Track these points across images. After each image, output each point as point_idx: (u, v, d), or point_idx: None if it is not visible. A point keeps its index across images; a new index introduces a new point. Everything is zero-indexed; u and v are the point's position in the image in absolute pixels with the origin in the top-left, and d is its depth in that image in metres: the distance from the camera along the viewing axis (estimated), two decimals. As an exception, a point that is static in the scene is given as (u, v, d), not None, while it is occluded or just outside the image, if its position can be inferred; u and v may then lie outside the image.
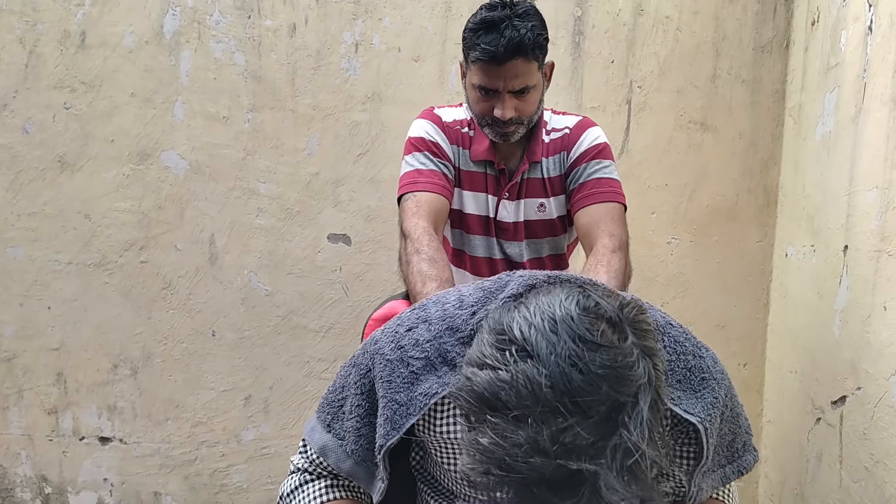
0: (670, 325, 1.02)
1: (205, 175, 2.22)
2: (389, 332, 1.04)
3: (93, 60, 2.17)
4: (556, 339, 0.72)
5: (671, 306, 2.32)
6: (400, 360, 0.98)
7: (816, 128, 2.03)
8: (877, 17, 1.71)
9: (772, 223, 2.33)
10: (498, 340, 0.75)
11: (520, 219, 1.71)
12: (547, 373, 0.70)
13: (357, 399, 1.05)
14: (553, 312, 0.75)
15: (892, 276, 1.57)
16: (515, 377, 0.71)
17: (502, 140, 1.63)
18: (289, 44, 2.21)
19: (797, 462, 2.02)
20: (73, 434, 2.28)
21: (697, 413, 0.96)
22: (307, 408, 2.32)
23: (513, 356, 0.72)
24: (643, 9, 2.26)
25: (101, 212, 2.21)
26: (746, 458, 1.09)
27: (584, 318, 0.74)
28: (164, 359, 2.27)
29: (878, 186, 1.65)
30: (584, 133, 1.68)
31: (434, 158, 1.65)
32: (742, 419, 1.09)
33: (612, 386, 0.71)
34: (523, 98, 1.57)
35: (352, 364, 1.08)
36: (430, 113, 1.73)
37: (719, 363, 1.04)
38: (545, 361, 0.71)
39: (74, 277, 2.22)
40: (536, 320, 0.74)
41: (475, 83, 1.57)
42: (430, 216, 1.57)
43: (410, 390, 0.97)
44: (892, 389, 1.55)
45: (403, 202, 1.62)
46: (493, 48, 1.49)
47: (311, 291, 2.28)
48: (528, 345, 0.72)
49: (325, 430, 1.08)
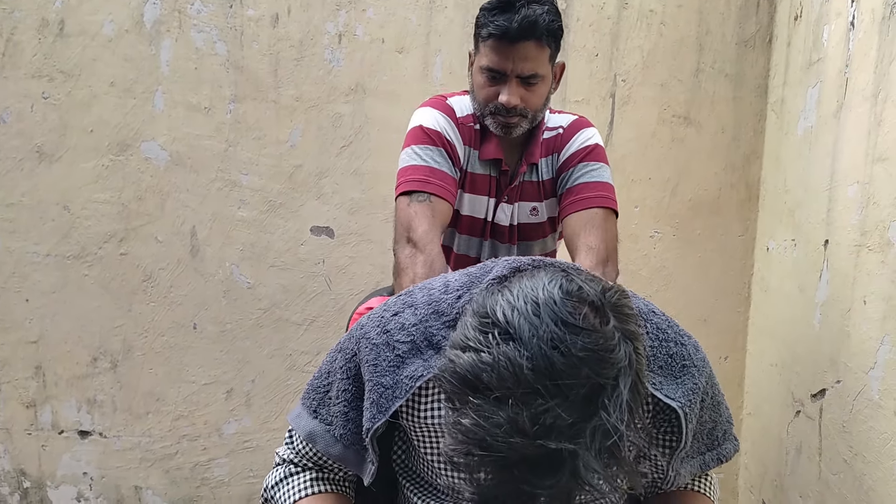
0: (653, 313, 1.03)
1: (186, 166, 2.20)
2: (375, 317, 1.04)
3: (71, 49, 2.14)
4: (538, 322, 0.73)
5: (654, 299, 2.29)
6: (386, 343, 0.99)
7: (798, 123, 2.05)
8: (859, 13, 1.72)
9: (753, 217, 2.34)
10: (481, 323, 0.76)
11: (514, 222, 1.68)
12: (528, 355, 0.72)
13: (343, 384, 1.05)
14: (536, 296, 0.76)
15: (872, 270, 1.58)
16: (497, 359, 0.72)
17: (504, 132, 1.58)
18: (271, 34, 2.19)
19: (777, 454, 2.04)
20: (52, 428, 2.26)
21: (678, 398, 0.97)
22: (289, 401, 2.31)
23: (495, 339, 0.73)
24: (627, 2, 2.26)
25: (80, 203, 2.18)
26: (727, 446, 1.10)
27: (566, 301, 0.75)
28: (145, 352, 2.25)
29: (859, 182, 1.66)
30: (576, 133, 1.64)
31: (448, 160, 1.57)
32: (723, 408, 1.10)
33: (592, 368, 0.72)
34: (531, 88, 1.53)
35: (337, 349, 1.08)
36: (442, 103, 1.64)
37: (701, 351, 1.05)
38: (527, 344, 0.72)
39: (53, 269, 2.20)
40: (519, 304, 0.75)
41: (483, 65, 1.53)
42: (442, 226, 1.51)
43: (396, 373, 0.97)
44: (871, 383, 1.57)
45: (415, 199, 1.50)
46: (506, 23, 1.46)
47: (294, 284, 2.27)
48: (511, 327, 0.74)
49: (312, 417, 1.08)
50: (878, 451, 1.53)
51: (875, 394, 1.55)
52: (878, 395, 1.54)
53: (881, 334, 1.54)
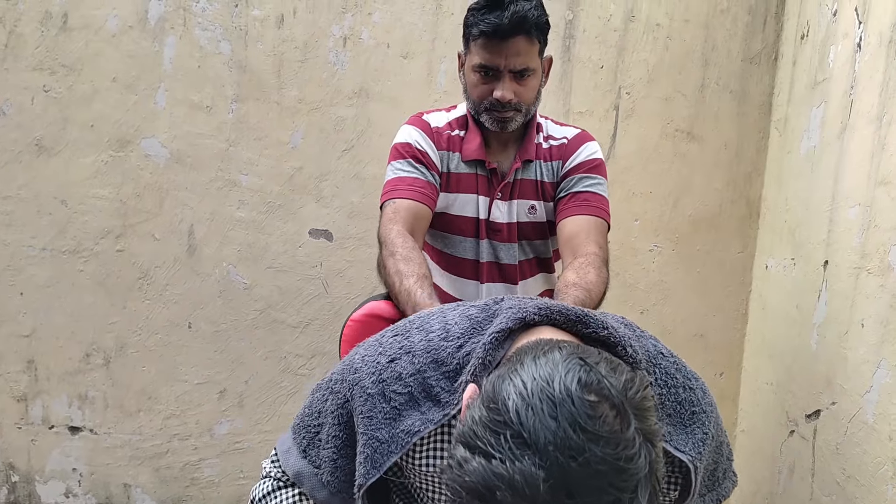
0: (661, 356, 1.01)
1: (186, 164, 2.19)
2: (370, 360, 1.00)
3: (74, 43, 2.13)
4: (554, 427, 0.67)
5: (651, 314, 2.33)
6: (381, 394, 0.96)
7: (801, 142, 2.04)
8: (866, 35, 1.72)
9: (753, 235, 2.34)
10: (492, 421, 0.70)
11: (513, 220, 1.69)
12: (545, 467, 0.66)
13: (334, 430, 1.02)
14: (552, 392, 0.70)
15: (871, 293, 1.58)
16: (512, 473, 0.66)
17: (499, 127, 1.63)
18: (276, 34, 2.18)
19: (769, 473, 2.04)
20: (42, 422, 2.24)
21: (688, 451, 0.95)
22: (282, 403, 2.30)
23: (507, 442, 0.68)
24: (634, 15, 2.25)
25: (77, 198, 2.17)
26: (725, 484, 1.09)
27: (584, 400, 0.69)
28: (138, 349, 2.24)
29: (861, 204, 1.65)
30: (582, 146, 1.69)
31: (418, 166, 1.64)
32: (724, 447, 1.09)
33: (611, 481, 0.67)
34: (523, 82, 1.59)
35: (329, 390, 1.05)
36: (417, 119, 1.72)
37: (709, 394, 1.03)
38: (543, 453, 0.66)
39: (48, 264, 2.18)
40: (534, 401, 0.69)
41: (475, 63, 1.58)
42: (407, 221, 1.57)
43: (392, 427, 0.94)
44: (867, 406, 1.56)
45: (383, 210, 1.62)
46: (497, 21, 1.51)
47: (291, 286, 2.26)
48: (525, 431, 0.68)
49: (301, 456, 1.06)
50: (871, 474, 1.53)
51: (870, 417, 1.55)
52: (873, 419, 1.54)
53: (878, 358, 1.53)
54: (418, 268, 1.46)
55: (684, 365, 1.03)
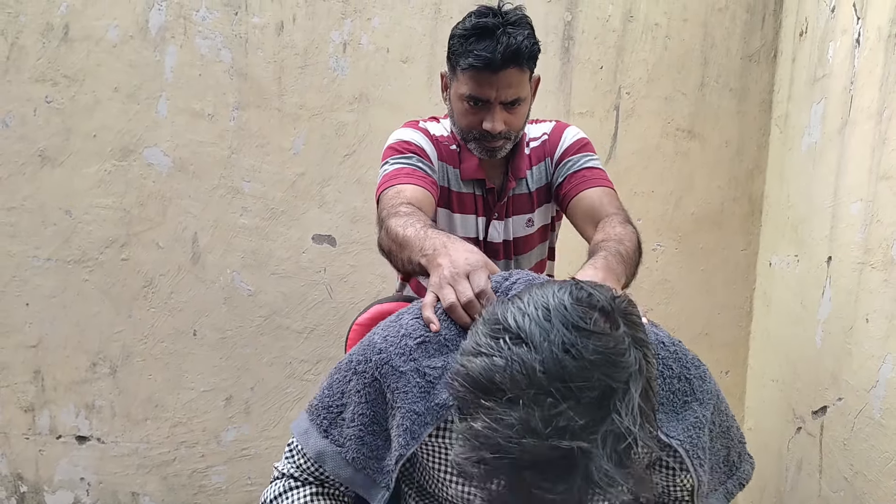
0: (662, 345, 1.02)
1: (188, 173, 2.20)
2: (394, 341, 1.03)
3: (76, 54, 2.14)
4: (549, 327, 0.74)
5: (656, 313, 2.32)
6: (415, 370, 0.99)
7: (802, 138, 2.04)
8: (865, 30, 1.72)
9: (756, 232, 2.34)
10: (493, 330, 0.77)
11: (509, 237, 1.68)
12: (540, 358, 0.72)
13: (360, 408, 1.04)
14: (547, 302, 0.77)
15: (875, 288, 1.58)
16: (510, 361, 0.73)
17: (488, 156, 1.57)
18: (276, 42, 2.19)
19: (777, 470, 2.03)
20: (49, 432, 2.25)
21: (677, 436, 0.96)
22: (289, 409, 2.30)
23: (507, 343, 0.74)
24: (633, 15, 2.26)
25: (82, 208, 2.18)
26: (744, 467, 1.10)
27: (577, 307, 0.76)
28: (144, 358, 2.24)
29: (863, 199, 1.66)
30: (563, 133, 1.66)
31: (418, 159, 1.56)
32: (734, 430, 1.09)
33: (604, 371, 0.73)
34: (513, 111, 1.52)
35: (352, 370, 1.07)
36: (415, 124, 1.65)
37: (709, 381, 1.04)
38: (538, 347, 0.73)
39: (54, 274, 2.19)
40: (530, 310, 0.76)
41: (464, 93, 1.50)
42: (413, 202, 1.44)
43: (427, 400, 0.97)
44: (873, 402, 1.56)
45: (381, 198, 1.49)
46: (489, 54, 1.43)
47: (295, 292, 2.26)
48: (522, 332, 0.75)
49: (322, 436, 1.07)
50: (879, 470, 1.52)
51: (877, 412, 1.55)
52: (880, 414, 1.54)
53: (883, 353, 1.53)
54: (424, 217, 1.35)
55: (685, 353, 1.03)
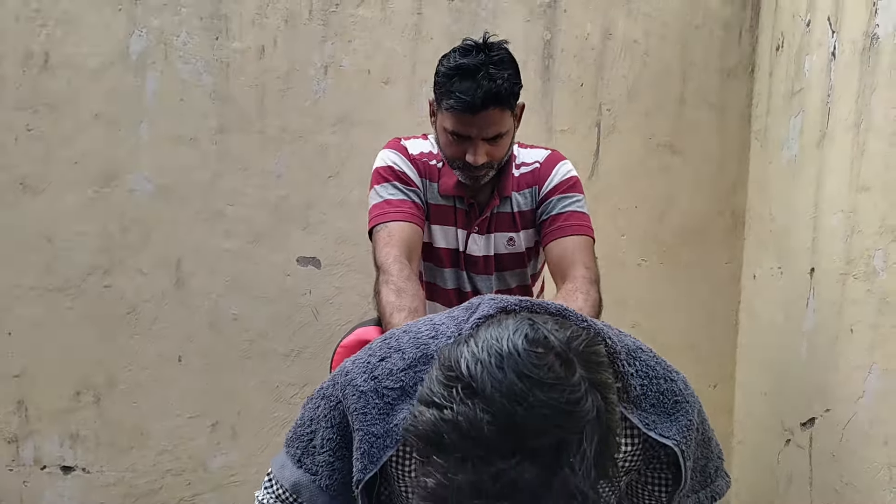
0: (640, 350, 1.02)
1: (171, 198, 2.19)
2: (360, 362, 1.02)
3: (56, 81, 2.13)
4: (501, 376, 0.72)
5: (642, 328, 2.32)
6: (374, 391, 0.97)
7: (782, 151, 2.06)
8: (840, 44, 1.74)
9: (740, 245, 2.35)
10: (446, 377, 0.75)
11: (490, 252, 1.70)
12: (491, 411, 0.70)
13: (328, 432, 1.03)
14: (500, 347, 0.74)
15: (858, 298, 1.59)
16: (457, 417, 0.71)
17: (472, 183, 1.62)
18: (257, 65, 2.19)
19: (767, 483, 2.03)
20: (34, 463, 2.21)
21: (672, 436, 0.96)
22: (276, 434, 2.27)
23: (458, 394, 0.72)
24: (611, 33, 2.28)
25: (63, 235, 2.16)
26: (719, 482, 1.10)
27: (530, 353, 0.74)
28: (129, 385, 2.22)
29: (843, 210, 1.67)
30: (555, 167, 1.69)
31: (403, 187, 1.64)
32: (713, 443, 1.09)
33: (556, 423, 0.71)
34: (496, 144, 1.56)
35: (320, 396, 1.06)
36: (396, 143, 1.71)
37: (690, 387, 1.05)
38: (489, 399, 0.71)
39: (36, 302, 2.17)
40: (483, 356, 0.74)
41: (447, 128, 1.55)
42: (402, 245, 1.55)
43: (386, 421, 0.95)
44: (861, 412, 1.56)
45: (375, 234, 1.60)
46: (468, 98, 1.47)
47: (280, 315, 2.25)
48: (474, 381, 0.72)
49: (296, 466, 1.06)
50: (869, 480, 1.52)
51: (865, 423, 1.55)
52: (868, 425, 1.54)
53: (869, 363, 1.54)
54: (410, 301, 1.44)
55: (664, 360, 1.04)
